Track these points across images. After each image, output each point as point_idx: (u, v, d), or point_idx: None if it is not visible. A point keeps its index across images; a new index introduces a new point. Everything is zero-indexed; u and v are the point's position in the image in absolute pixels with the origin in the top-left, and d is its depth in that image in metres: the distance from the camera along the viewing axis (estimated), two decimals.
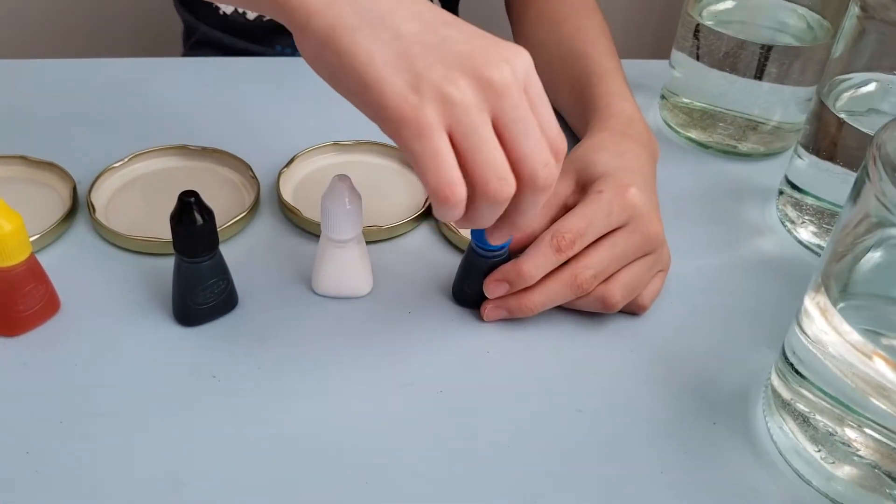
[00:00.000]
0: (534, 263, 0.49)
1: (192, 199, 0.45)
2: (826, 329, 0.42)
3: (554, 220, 0.51)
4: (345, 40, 0.39)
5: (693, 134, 0.71)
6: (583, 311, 0.52)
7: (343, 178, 0.48)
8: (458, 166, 0.39)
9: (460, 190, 0.39)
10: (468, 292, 0.52)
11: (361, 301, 0.53)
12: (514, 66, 0.40)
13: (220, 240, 0.48)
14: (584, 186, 0.52)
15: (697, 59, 0.68)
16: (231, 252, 0.53)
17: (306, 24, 0.40)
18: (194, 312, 0.49)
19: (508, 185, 0.40)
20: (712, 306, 0.55)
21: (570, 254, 0.49)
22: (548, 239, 0.49)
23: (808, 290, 0.45)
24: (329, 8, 0.40)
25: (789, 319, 0.46)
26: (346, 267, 0.51)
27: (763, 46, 0.64)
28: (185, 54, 0.95)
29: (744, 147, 0.69)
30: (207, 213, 0.46)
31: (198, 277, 0.48)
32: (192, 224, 0.46)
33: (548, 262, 0.49)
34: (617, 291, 0.50)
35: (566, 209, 0.52)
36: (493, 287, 0.50)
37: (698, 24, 0.67)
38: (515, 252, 0.51)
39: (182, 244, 0.47)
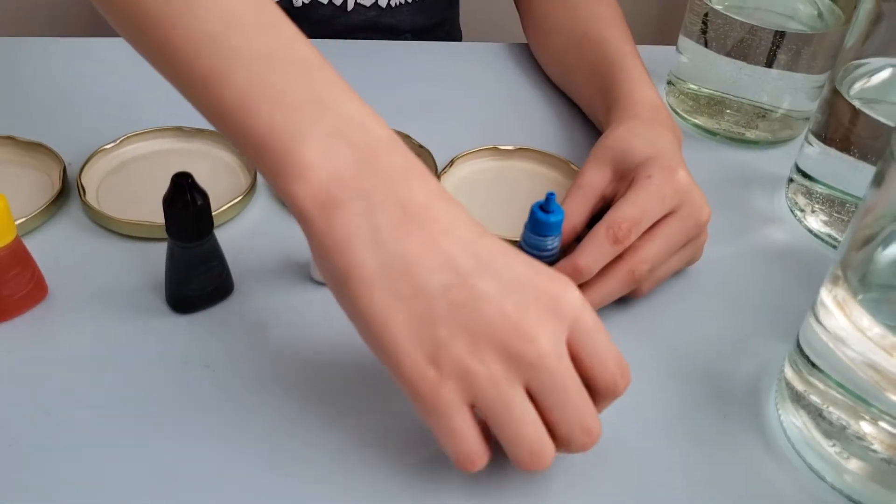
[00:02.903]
0: (591, 257, 0.46)
1: (187, 181, 0.44)
2: (844, 323, 0.41)
3: (593, 212, 0.50)
4: (361, 297, 0.35)
5: (700, 121, 0.69)
6: None
7: None
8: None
9: (481, 462, 0.37)
10: None
11: None
12: (558, 317, 0.36)
13: (216, 224, 0.47)
14: (622, 174, 0.51)
15: (706, 45, 0.66)
16: (226, 237, 0.51)
17: (322, 261, 0.36)
18: (188, 299, 0.47)
19: (542, 459, 0.37)
20: (722, 296, 0.53)
21: (627, 244, 0.47)
22: (602, 231, 0.47)
23: (824, 281, 0.43)
24: (349, 248, 0.35)
25: (800, 310, 0.45)
26: None
27: (776, 33, 0.62)
28: None
29: (751, 134, 0.68)
30: (202, 196, 0.44)
31: (192, 263, 0.46)
32: (186, 207, 0.44)
33: (604, 254, 0.47)
34: (649, 284, 0.49)
35: (604, 200, 0.50)
36: None
37: (708, 10, 0.65)
38: (565, 250, 0.49)
39: (175, 228, 0.45)
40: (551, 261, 0.48)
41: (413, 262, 0.35)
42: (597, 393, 0.39)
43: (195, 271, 0.46)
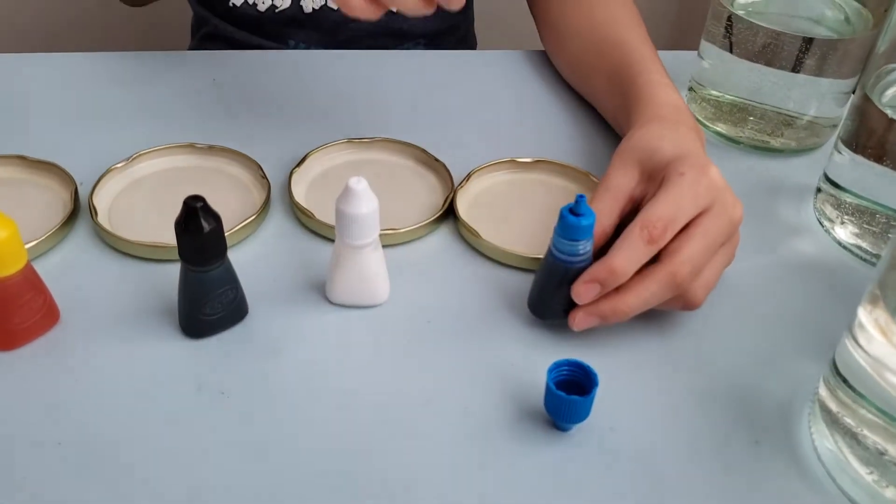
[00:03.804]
0: (625, 258, 0.45)
1: (199, 205, 0.42)
2: (886, 346, 0.39)
3: (622, 214, 0.48)
4: None
5: (722, 128, 0.68)
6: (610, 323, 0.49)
7: (359, 180, 0.45)
8: None
9: None
10: (550, 303, 0.48)
11: (378, 310, 0.50)
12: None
13: (228, 245, 0.45)
14: (650, 174, 0.49)
15: (729, 50, 0.64)
16: (240, 258, 0.50)
17: None
18: (202, 324, 0.46)
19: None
20: (750, 312, 0.52)
21: (662, 243, 0.45)
22: (637, 231, 0.45)
23: (862, 301, 0.41)
24: None
25: (831, 325, 0.43)
26: (363, 274, 0.48)
27: (804, 39, 0.61)
28: (193, 47, 0.92)
29: (776, 142, 0.66)
30: (215, 219, 0.43)
31: (205, 287, 0.45)
32: (199, 231, 0.43)
33: (639, 255, 0.45)
34: (701, 292, 0.47)
35: (633, 202, 0.49)
36: (584, 290, 0.46)
37: (731, 15, 0.63)
38: (596, 255, 0.47)
39: (188, 252, 0.44)
40: (583, 266, 0.46)
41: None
42: None
43: (209, 295, 0.45)
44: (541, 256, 0.52)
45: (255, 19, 0.83)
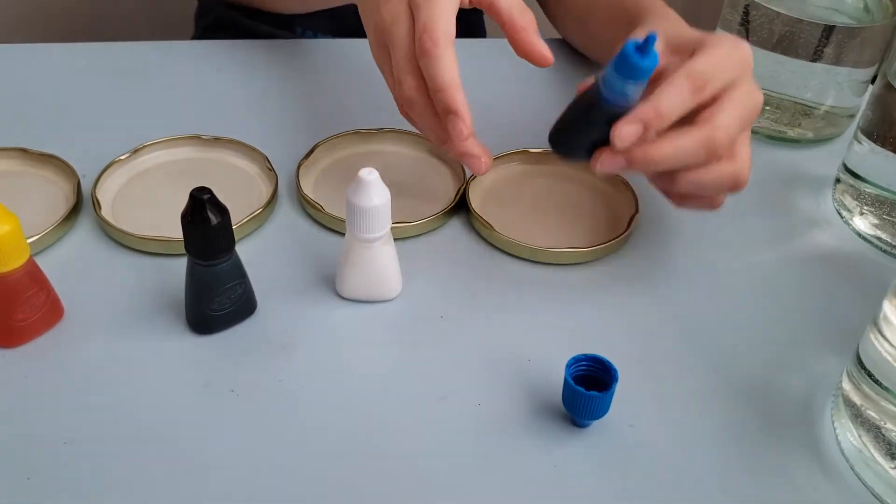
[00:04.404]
0: (670, 102, 0.43)
1: (206, 197, 0.41)
2: None
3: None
4: None
5: None
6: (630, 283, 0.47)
7: (370, 171, 0.44)
8: None
9: None
10: (578, 139, 0.45)
11: (390, 305, 0.49)
12: None
13: (236, 238, 0.44)
14: (677, 48, 0.48)
15: (746, 38, 0.63)
16: (247, 251, 0.49)
17: None
18: (210, 319, 0.45)
19: None
20: (768, 304, 0.51)
21: (706, 96, 0.44)
22: (682, 78, 0.44)
23: (888, 293, 0.40)
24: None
25: (852, 317, 0.42)
26: (374, 268, 0.47)
27: (824, 27, 0.59)
28: (197, 36, 0.90)
29: (794, 133, 0.65)
30: (222, 212, 0.42)
31: (213, 282, 0.44)
32: (206, 224, 0.41)
33: (683, 101, 0.44)
34: (747, 168, 0.46)
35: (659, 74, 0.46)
36: (626, 132, 0.43)
37: (749, 2, 0.62)
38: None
39: (195, 246, 0.43)
40: (624, 112, 0.43)
41: None
42: None
43: (216, 290, 0.44)
44: (556, 249, 0.51)
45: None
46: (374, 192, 0.44)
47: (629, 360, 0.45)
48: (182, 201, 0.42)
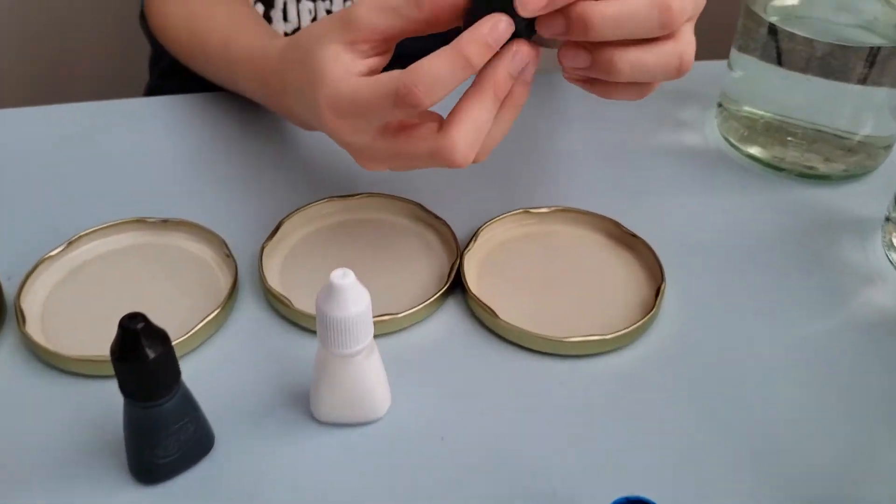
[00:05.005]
0: None
1: (140, 327, 0.33)
2: None
3: None
4: None
5: (757, 151, 0.58)
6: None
7: (343, 273, 0.36)
8: None
9: None
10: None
11: (377, 427, 0.40)
12: None
13: (188, 348, 0.36)
14: None
15: (773, 60, 0.55)
16: (201, 364, 0.41)
17: None
18: (155, 468, 0.37)
19: None
20: (828, 389, 0.43)
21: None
22: None
23: None
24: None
25: None
26: (355, 387, 0.38)
27: (855, 47, 0.51)
28: (151, 85, 0.82)
29: (823, 167, 0.57)
30: (162, 341, 0.34)
31: (156, 425, 0.35)
32: (142, 360, 0.33)
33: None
34: (691, 48, 0.40)
35: None
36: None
37: (768, 21, 0.54)
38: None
39: (130, 386, 0.34)
40: None
41: None
42: None
43: (160, 434, 0.36)
44: (573, 339, 0.43)
45: None
46: (350, 299, 0.36)
47: (677, 500, 0.37)
48: (126, 302, 0.33)
